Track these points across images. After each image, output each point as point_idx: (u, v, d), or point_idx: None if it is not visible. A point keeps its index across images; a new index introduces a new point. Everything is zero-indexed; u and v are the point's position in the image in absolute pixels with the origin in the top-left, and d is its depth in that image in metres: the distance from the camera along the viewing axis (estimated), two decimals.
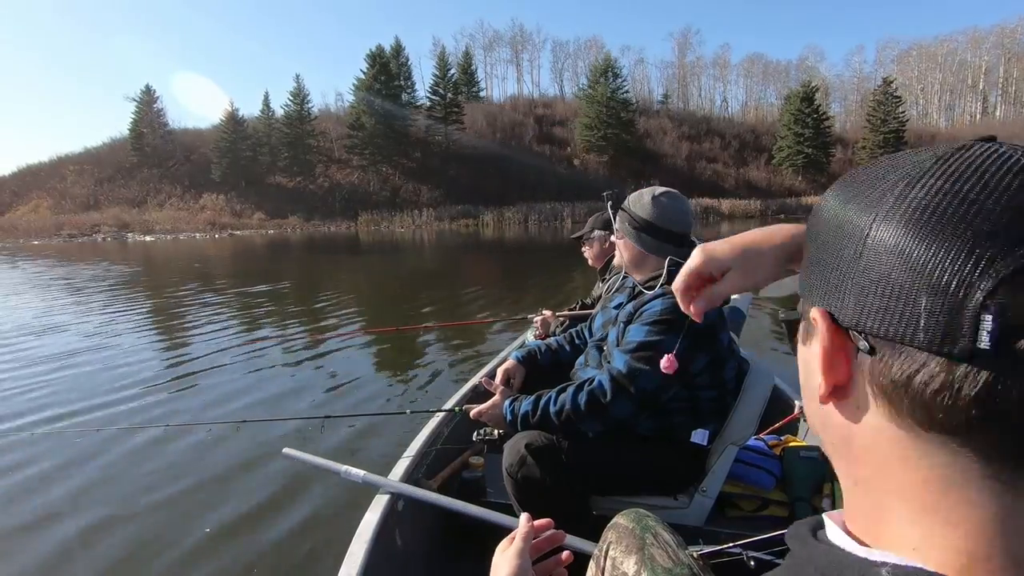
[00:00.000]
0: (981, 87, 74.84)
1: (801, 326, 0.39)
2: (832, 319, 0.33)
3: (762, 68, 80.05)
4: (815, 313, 0.35)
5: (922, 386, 0.28)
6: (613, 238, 1.65)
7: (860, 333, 0.31)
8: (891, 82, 51.85)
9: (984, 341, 0.26)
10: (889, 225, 0.30)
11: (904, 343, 0.29)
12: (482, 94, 62.59)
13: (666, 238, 1.51)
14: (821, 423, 0.38)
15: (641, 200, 1.54)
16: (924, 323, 0.28)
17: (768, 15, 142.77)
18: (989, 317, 0.26)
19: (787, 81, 74.71)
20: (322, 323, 6.70)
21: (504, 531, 1.46)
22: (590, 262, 2.62)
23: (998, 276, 0.26)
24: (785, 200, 43.56)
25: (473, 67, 61.96)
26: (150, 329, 6.63)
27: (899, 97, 51.09)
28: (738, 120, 64.79)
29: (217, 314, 7.32)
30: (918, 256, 0.28)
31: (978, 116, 73.09)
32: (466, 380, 2.64)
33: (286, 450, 1.81)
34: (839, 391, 0.34)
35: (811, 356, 0.36)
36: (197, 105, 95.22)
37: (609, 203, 1.72)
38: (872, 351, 0.31)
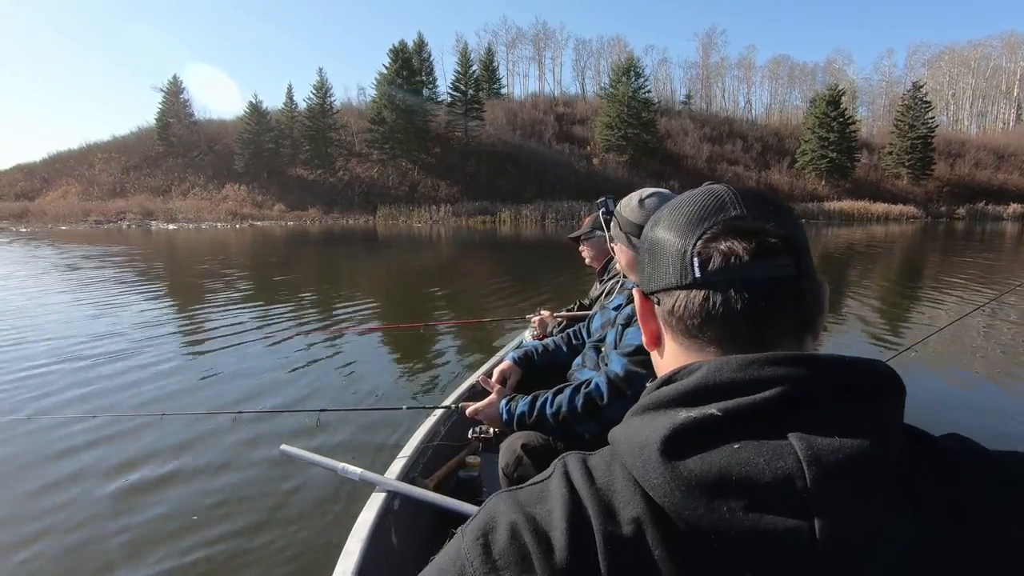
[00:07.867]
0: (1016, 94, 72.79)
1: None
2: (641, 292, 0.54)
3: (788, 70, 78.65)
4: (634, 292, 0.55)
5: (678, 309, 0.48)
6: (609, 244, 1.63)
7: (651, 294, 0.52)
8: (921, 87, 50.56)
9: (696, 273, 0.47)
10: (652, 230, 0.53)
11: (666, 289, 0.49)
12: (503, 91, 62.42)
13: None
14: (654, 364, 0.57)
15: (631, 203, 1.52)
16: (671, 271, 0.49)
17: (796, 17, 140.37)
18: (696, 259, 0.47)
19: (813, 84, 73.37)
20: (325, 317, 6.74)
21: None
22: (588, 261, 2.58)
23: (696, 238, 0.47)
24: (807, 205, 42.76)
25: (495, 64, 61.88)
26: (150, 317, 6.67)
27: (929, 102, 49.81)
28: (761, 122, 63.72)
29: (224, 304, 7.40)
30: (663, 239, 0.50)
31: (1011, 123, 71.09)
32: (464, 378, 2.64)
33: (283, 447, 1.81)
34: (655, 340, 0.54)
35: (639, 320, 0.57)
36: (210, 98, 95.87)
37: (602, 209, 1.70)
38: (658, 302, 0.51)
